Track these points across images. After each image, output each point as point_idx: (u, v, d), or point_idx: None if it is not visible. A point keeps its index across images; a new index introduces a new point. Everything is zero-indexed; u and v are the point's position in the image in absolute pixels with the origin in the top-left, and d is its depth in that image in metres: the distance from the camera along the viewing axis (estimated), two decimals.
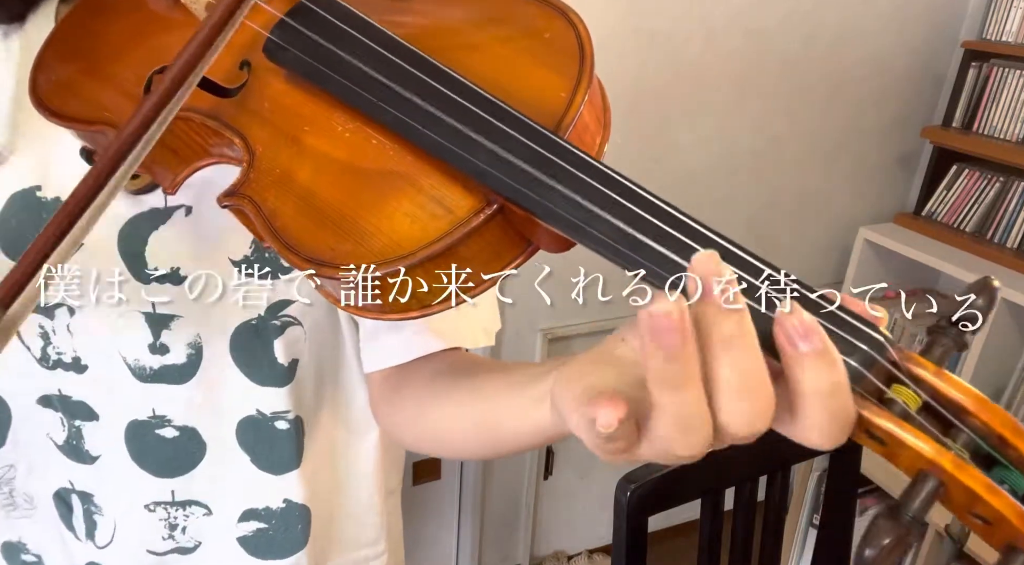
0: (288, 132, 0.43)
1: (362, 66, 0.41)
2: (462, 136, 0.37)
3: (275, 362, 0.62)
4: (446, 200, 0.37)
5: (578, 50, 0.40)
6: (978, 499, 0.29)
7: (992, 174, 1.89)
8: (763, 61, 1.83)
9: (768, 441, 0.35)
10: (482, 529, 2.03)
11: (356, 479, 0.73)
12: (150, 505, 0.65)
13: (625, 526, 1.06)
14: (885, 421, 0.30)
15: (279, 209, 0.40)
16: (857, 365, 0.30)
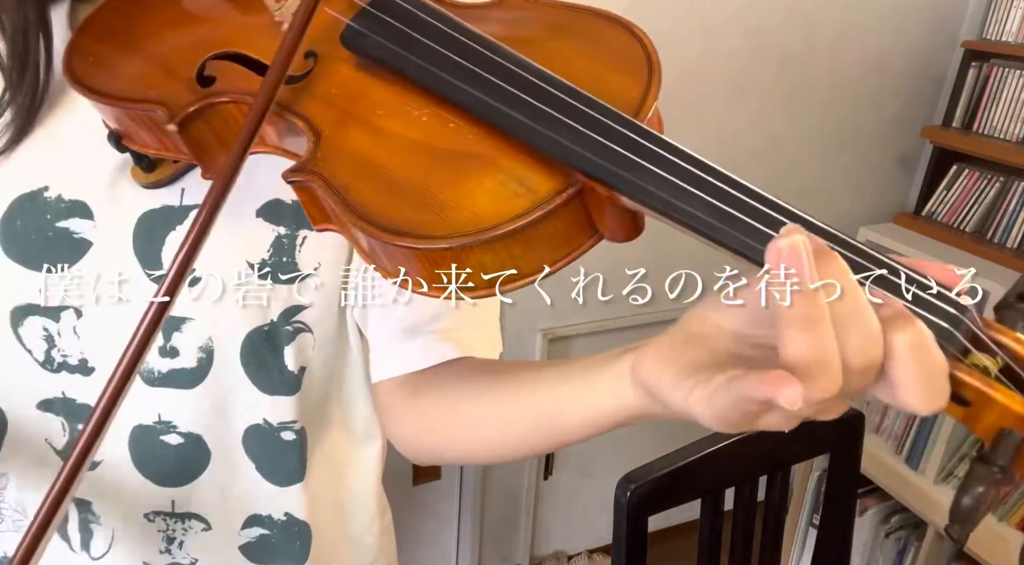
0: (359, 115, 0.43)
1: (442, 49, 0.42)
2: (548, 116, 0.38)
3: (284, 369, 0.61)
4: (527, 180, 0.38)
5: (646, 59, 0.42)
6: None
7: (992, 174, 1.89)
8: (763, 61, 1.83)
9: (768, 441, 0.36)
10: (482, 529, 2.03)
11: (356, 498, 0.72)
12: (150, 514, 0.64)
13: (625, 526, 1.06)
14: (973, 379, 0.32)
15: (351, 184, 0.40)
16: (945, 325, 0.32)
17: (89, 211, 0.55)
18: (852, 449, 1.27)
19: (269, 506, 0.66)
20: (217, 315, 0.57)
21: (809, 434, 1.22)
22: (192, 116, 0.44)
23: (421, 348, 0.59)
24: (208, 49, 0.47)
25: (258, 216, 0.56)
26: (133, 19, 0.50)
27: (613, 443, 2.11)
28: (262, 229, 0.56)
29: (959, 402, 0.33)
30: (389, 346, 0.61)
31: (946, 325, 0.32)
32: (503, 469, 1.99)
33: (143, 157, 0.52)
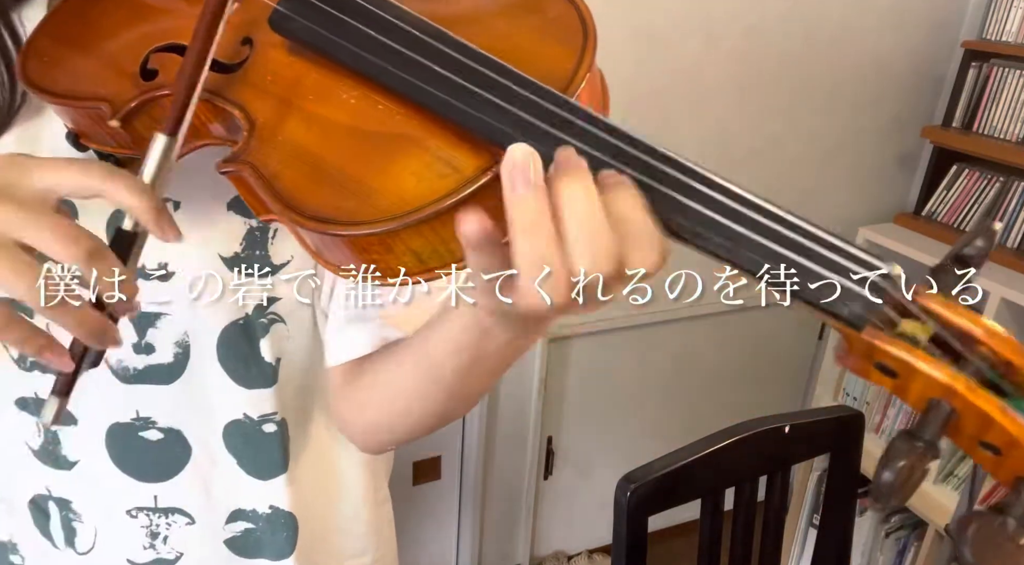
0: (290, 101, 0.43)
1: (369, 31, 0.41)
2: (471, 93, 0.37)
3: (262, 361, 0.61)
4: (454, 160, 0.37)
5: (581, 26, 0.41)
6: (991, 423, 0.30)
7: (992, 174, 1.89)
8: (763, 60, 1.83)
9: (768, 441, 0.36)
10: (482, 529, 2.03)
11: (343, 486, 0.72)
12: (132, 511, 0.63)
13: (625, 526, 1.06)
14: (898, 349, 0.31)
15: (281, 172, 0.40)
16: (869, 296, 0.32)
17: (74, 208, 0.55)
18: (852, 449, 1.27)
19: (253, 500, 0.66)
20: (193, 310, 0.57)
21: (809, 434, 1.22)
22: (134, 111, 0.44)
23: (370, 332, 0.59)
24: (151, 42, 0.47)
25: (229, 209, 0.56)
26: (87, 19, 0.51)
27: (613, 443, 2.11)
28: (234, 222, 0.56)
29: (885, 372, 0.32)
30: (344, 331, 0.61)
31: (865, 293, 0.32)
32: (503, 469, 1.99)
33: (108, 157, 0.52)
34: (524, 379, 1.90)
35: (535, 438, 1.98)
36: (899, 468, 0.29)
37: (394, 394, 0.58)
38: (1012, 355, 0.31)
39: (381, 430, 0.62)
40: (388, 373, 0.58)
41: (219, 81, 0.44)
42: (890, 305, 0.32)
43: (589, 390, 2.01)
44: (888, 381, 0.32)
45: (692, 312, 1.92)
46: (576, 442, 2.07)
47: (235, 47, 0.46)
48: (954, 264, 0.34)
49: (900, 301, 0.32)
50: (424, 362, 0.53)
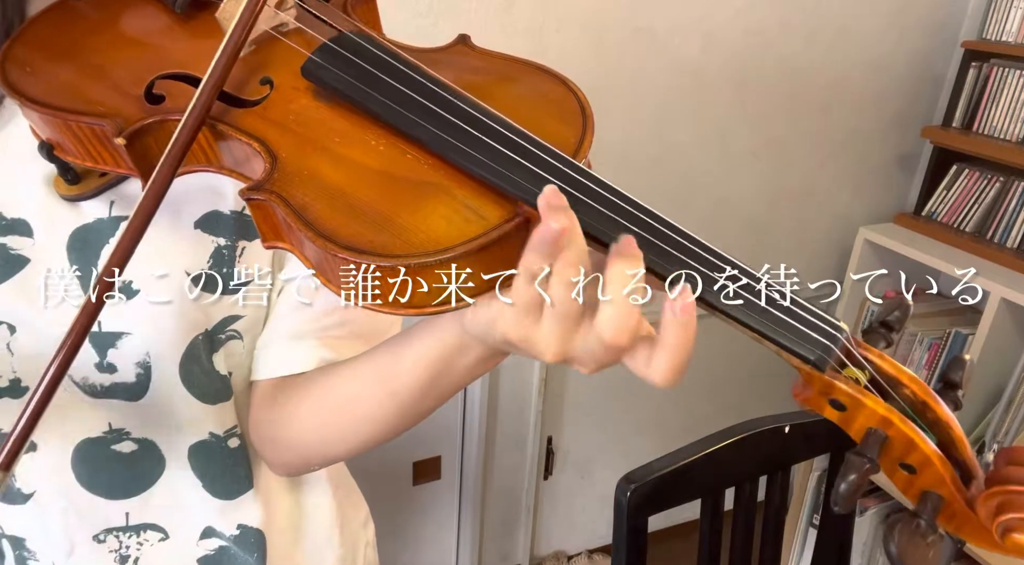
0: (317, 141, 0.44)
1: (401, 86, 0.44)
2: (499, 154, 0.41)
3: (219, 374, 0.60)
4: (479, 209, 0.40)
5: (580, 111, 0.46)
6: (914, 446, 0.38)
7: (992, 174, 1.89)
8: (763, 60, 1.82)
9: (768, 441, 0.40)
10: (482, 529, 2.03)
11: (309, 503, 0.71)
12: (100, 534, 0.61)
13: (625, 526, 1.06)
14: (848, 387, 0.39)
15: (310, 204, 0.41)
16: (821, 352, 0.39)
17: (29, 228, 0.54)
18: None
19: (221, 521, 0.64)
20: (155, 329, 0.56)
21: (809, 434, 1.22)
22: (141, 131, 0.45)
23: (308, 350, 0.59)
24: (157, 68, 0.48)
25: (196, 227, 0.56)
26: (73, 32, 0.51)
27: (613, 443, 2.11)
28: (201, 240, 0.56)
29: (836, 407, 0.40)
30: (274, 345, 0.60)
31: (827, 342, 0.39)
32: (503, 469, 1.99)
33: (68, 169, 0.52)
34: (524, 379, 1.90)
35: (535, 438, 1.98)
36: (851, 480, 0.37)
37: (341, 408, 0.56)
38: (926, 397, 0.40)
39: (308, 447, 0.60)
40: (338, 387, 0.56)
41: (234, 113, 0.46)
42: (842, 353, 0.40)
43: (589, 390, 2.01)
44: (835, 414, 0.40)
45: None
46: (576, 442, 2.07)
47: (252, 85, 0.47)
48: (880, 327, 0.43)
49: (850, 350, 0.40)
50: (386, 375, 0.52)
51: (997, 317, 1.69)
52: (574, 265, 0.37)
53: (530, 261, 0.37)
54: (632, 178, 1.80)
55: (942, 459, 0.38)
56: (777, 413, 1.20)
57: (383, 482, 1.85)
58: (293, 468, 0.66)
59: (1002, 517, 0.37)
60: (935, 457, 0.38)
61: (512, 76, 0.49)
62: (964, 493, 0.39)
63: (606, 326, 0.37)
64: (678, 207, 1.86)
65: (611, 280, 0.37)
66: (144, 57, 0.49)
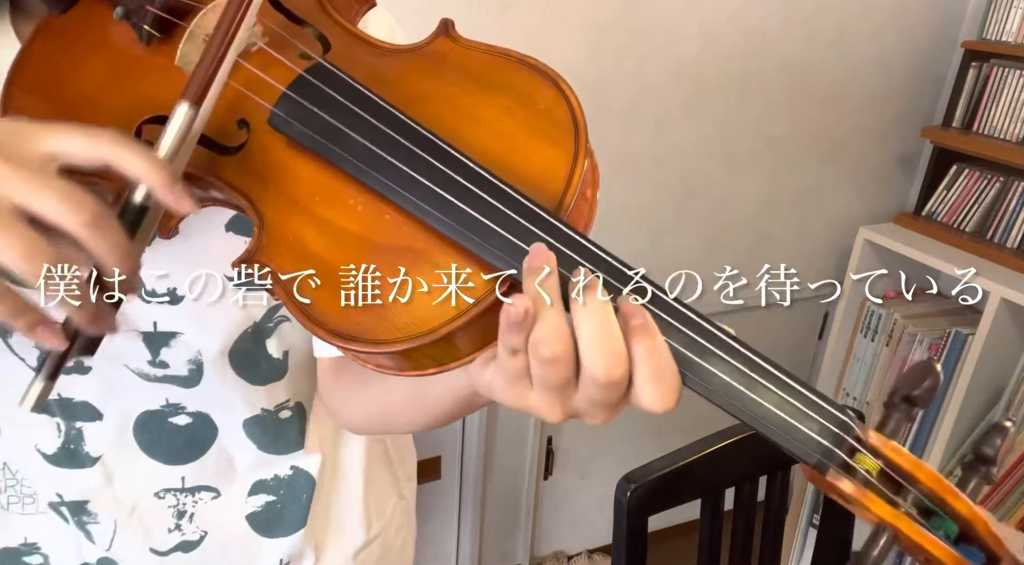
0: (297, 200, 0.43)
1: (371, 146, 0.42)
2: (478, 225, 0.39)
3: (271, 358, 0.64)
4: (462, 277, 0.39)
5: (572, 123, 0.42)
6: (921, 548, 0.37)
7: (992, 174, 1.89)
8: (763, 60, 1.82)
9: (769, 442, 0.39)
10: (482, 529, 2.03)
11: (346, 462, 0.74)
12: (160, 492, 0.66)
13: (625, 526, 1.06)
14: (851, 488, 0.37)
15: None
16: (828, 443, 0.37)
17: None
18: None
19: (275, 469, 0.68)
20: (203, 328, 0.59)
21: None
22: None
23: None
24: (140, 113, 0.46)
25: (228, 230, 0.57)
26: (61, 72, 0.49)
27: (613, 443, 2.11)
28: (234, 242, 0.57)
29: (843, 499, 0.38)
30: None
31: (829, 444, 0.37)
32: (503, 469, 1.99)
33: None
34: None
35: (535, 438, 1.98)
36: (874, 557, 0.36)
37: (379, 404, 0.60)
38: (944, 493, 0.38)
39: (361, 426, 0.66)
40: (376, 387, 0.59)
41: (220, 163, 0.45)
42: (847, 447, 0.38)
43: None
44: (846, 504, 0.39)
45: None
46: (576, 442, 2.07)
47: (232, 130, 0.46)
48: (903, 402, 0.40)
49: (853, 443, 0.38)
50: (416, 391, 0.54)
51: (997, 317, 1.69)
52: (545, 342, 0.36)
53: (505, 339, 0.37)
54: (632, 178, 1.80)
55: (955, 559, 0.37)
56: None
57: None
58: (366, 433, 0.72)
59: None
60: (946, 558, 0.37)
61: (497, 81, 0.45)
62: None
63: (594, 366, 0.36)
64: (678, 207, 1.86)
65: (580, 323, 0.36)
66: (128, 99, 0.48)
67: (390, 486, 0.81)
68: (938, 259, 1.82)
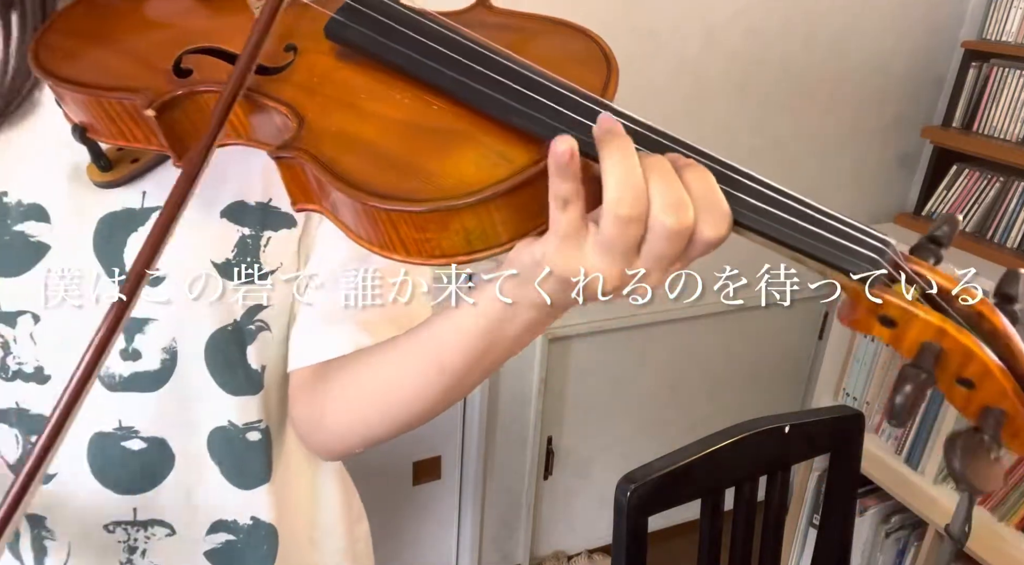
0: (342, 100, 0.45)
1: (422, 38, 0.45)
2: (525, 96, 0.41)
3: (249, 368, 0.61)
4: (506, 153, 0.41)
5: (603, 57, 0.47)
6: (972, 356, 0.36)
7: (992, 174, 1.89)
8: (763, 60, 1.83)
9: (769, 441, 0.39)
10: (482, 529, 2.03)
11: (320, 497, 0.72)
12: (109, 525, 0.62)
13: (625, 526, 1.06)
14: (900, 301, 0.37)
15: (339, 158, 0.42)
16: (869, 265, 0.38)
17: (46, 214, 0.55)
18: (852, 449, 1.27)
19: (234, 511, 0.65)
20: (181, 315, 0.57)
21: (809, 434, 1.22)
22: (171, 103, 0.46)
23: (345, 335, 0.59)
24: (185, 43, 0.49)
25: (222, 217, 0.56)
26: (103, 18, 0.52)
27: (613, 443, 2.11)
28: (227, 229, 0.56)
29: (886, 324, 0.38)
30: (310, 333, 0.60)
31: (875, 256, 0.38)
32: (503, 469, 1.99)
33: (101, 155, 0.53)
34: (524, 379, 1.90)
35: (535, 438, 1.98)
36: (907, 392, 0.35)
37: (388, 389, 0.56)
38: (982, 307, 0.38)
39: (356, 432, 0.60)
40: (383, 369, 0.56)
41: (261, 81, 0.46)
42: (890, 266, 0.38)
43: (589, 390, 2.01)
44: (886, 332, 0.38)
45: (692, 312, 1.92)
46: (576, 442, 2.07)
47: (277, 53, 0.48)
48: (929, 243, 0.42)
49: (898, 263, 0.39)
50: (434, 352, 0.51)
51: None
52: (627, 202, 0.37)
53: (555, 187, 0.38)
54: None
55: (1002, 370, 0.36)
56: (777, 413, 1.20)
57: (383, 482, 1.85)
58: (336, 453, 0.67)
59: None
60: (995, 367, 0.36)
61: (533, 30, 0.50)
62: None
63: (666, 217, 0.37)
64: None
65: (649, 178, 0.38)
66: (171, 35, 0.50)
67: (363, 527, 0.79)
68: None
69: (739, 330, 2.11)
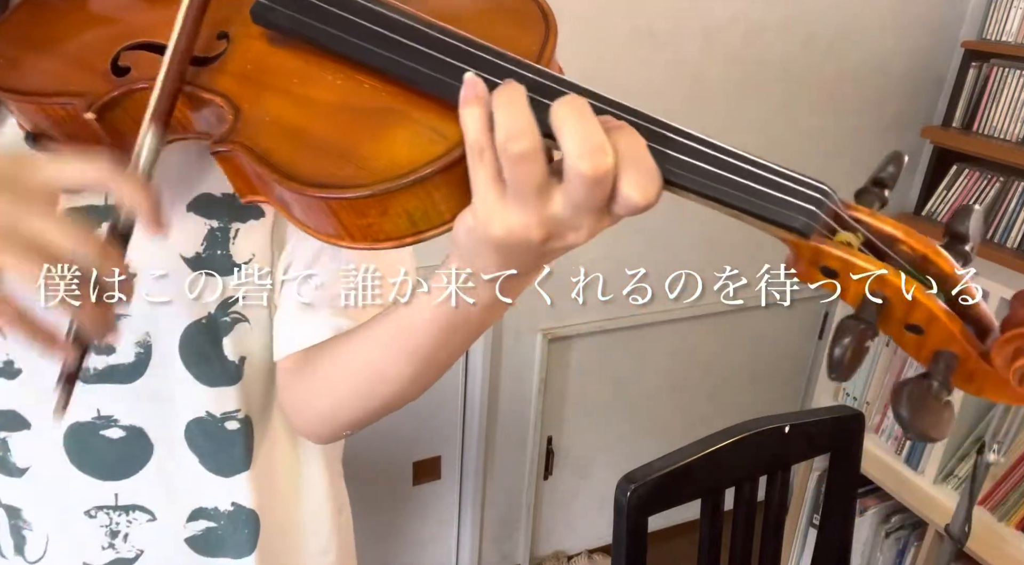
0: (276, 86, 0.45)
1: (348, 15, 0.44)
2: (455, 69, 0.40)
3: (225, 360, 0.61)
4: (440, 129, 0.40)
5: (542, 16, 0.46)
6: (916, 303, 0.36)
7: (992, 174, 1.89)
8: (763, 61, 1.82)
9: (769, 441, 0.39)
10: (482, 529, 2.03)
11: (305, 483, 0.72)
12: (91, 510, 0.63)
13: (625, 526, 1.06)
14: (837, 250, 0.36)
15: (274, 148, 0.42)
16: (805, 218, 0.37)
17: None
18: (852, 449, 1.27)
19: (215, 498, 0.65)
20: (154, 310, 0.57)
21: (809, 434, 1.22)
22: (110, 104, 0.46)
23: (322, 320, 0.59)
24: (121, 41, 0.48)
25: (189, 210, 0.56)
26: (44, 23, 0.52)
27: (613, 443, 2.11)
28: (194, 223, 0.56)
29: (828, 274, 0.37)
30: (290, 321, 0.61)
31: (811, 207, 0.37)
32: (503, 469, 1.99)
33: None
34: (524, 379, 1.90)
35: (535, 438, 1.98)
36: (846, 344, 0.35)
37: (363, 371, 0.57)
38: (926, 250, 0.37)
39: (339, 415, 0.61)
40: (358, 352, 0.57)
41: (197, 73, 0.46)
42: (829, 217, 0.37)
43: (589, 390, 2.01)
44: (830, 283, 0.38)
45: (692, 312, 1.92)
46: (576, 442, 2.07)
47: (211, 42, 0.47)
48: (873, 186, 0.41)
49: (837, 213, 0.38)
50: (401, 334, 0.52)
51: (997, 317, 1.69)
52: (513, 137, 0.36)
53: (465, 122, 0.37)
54: None
55: (948, 313, 0.36)
56: (777, 413, 1.20)
57: (383, 482, 1.85)
58: (325, 437, 0.67)
59: (1019, 362, 0.35)
60: (940, 311, 0.36)
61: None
62: (978, 347, 0.36)
63: (580, 162, 0.35)
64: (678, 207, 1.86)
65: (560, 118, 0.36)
66: (108, 33, 0.50)
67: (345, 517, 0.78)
68: None
69: (739, 330, 2.11)
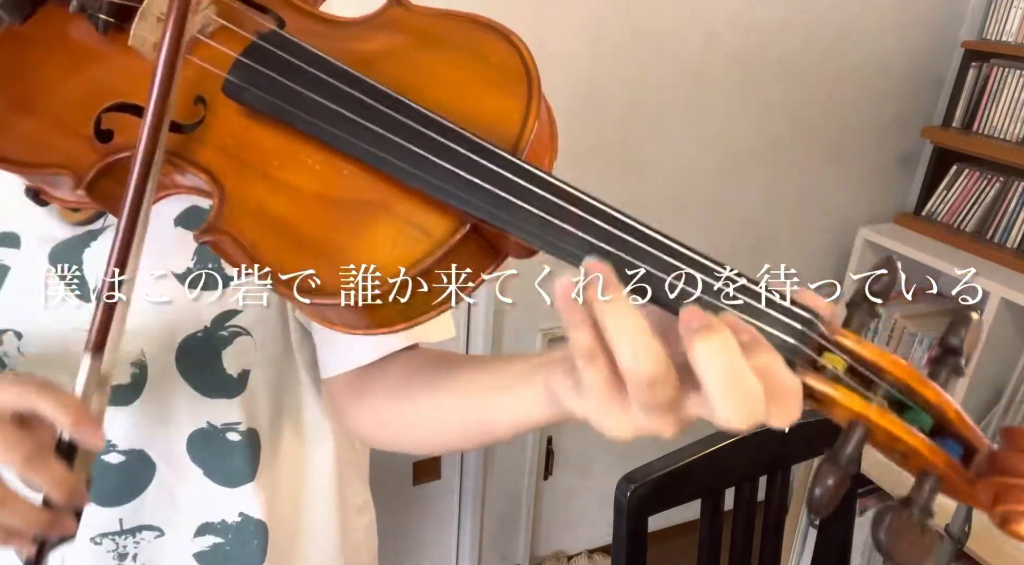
0: (256, 166, 0.44)
1: (325, 102, 0.42)
2: (435, 167, 0.39)
3: (223, 373, 0.60)
4: (423, 224, 0.39)
5: (524, 73, 0.42)
6: (897, 439, 0.36)
7: (992, 174, 1.89)
8: (763, 60, 1.82)
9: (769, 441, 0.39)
10: (482, 529, 2.03)
11: (313, 494, 0.71)
12: (96, 538, 0.62)
13: (625, 526, 1.06)
14: (819, 384, 0.36)
15: (259, 242, 0.41)
16: (793, 341, 0.36)
17: (18, 240, 0.55)
18: None
19: (221, 510, 0.65)
20: (148, 327, 0.57)
21: (809, 434, 1.22)
22: (97, 176, 0.45)
23: (371, 341, 0.58)
24: (100, 101, 0.47)
25: (176, 225, 0.56)
26: (21, 75, 0.50)
27: (613, 443, 2.10)
28: (183, 238, 0.56)
29: (812, 399, 0.37)
30: (336, 341, 0.60)
31: (793, 341, 0.36)
32: (503, 469, 1.99)
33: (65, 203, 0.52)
34: None
35: (535, 438, 1.98)
36: (828, 485, 0.34)
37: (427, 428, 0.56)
38: (912, 382, 0.37)
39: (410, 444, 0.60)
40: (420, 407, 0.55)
41: (177, 141, 0.45)
42: (812, 345, 0.37)
43: None
44: (816, 405, 0.38)
45: None
46: (576, 442, 2.07)
47: (189, 107, 0.46)
48: (862, 301, 0.39)
49: (818, 341, 0.37)
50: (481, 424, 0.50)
51: (997, 317, 1.69)
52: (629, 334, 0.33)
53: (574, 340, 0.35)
54: (631, 178, 1.80)
55: (931, 448, 0.36)
56: None
57: (383, 482, 1.85)
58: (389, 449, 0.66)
59: (1000, 507, 0.36)
60: (922, 447, 0.36)
61: (448, 39, 0.46)
62: (963, 473, 0.37)
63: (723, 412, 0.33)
64: (678, 207, 1.86)
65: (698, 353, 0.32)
66: (87, 88, 0.48)
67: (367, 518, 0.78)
68: (938, 259, 1.82)
69: None
